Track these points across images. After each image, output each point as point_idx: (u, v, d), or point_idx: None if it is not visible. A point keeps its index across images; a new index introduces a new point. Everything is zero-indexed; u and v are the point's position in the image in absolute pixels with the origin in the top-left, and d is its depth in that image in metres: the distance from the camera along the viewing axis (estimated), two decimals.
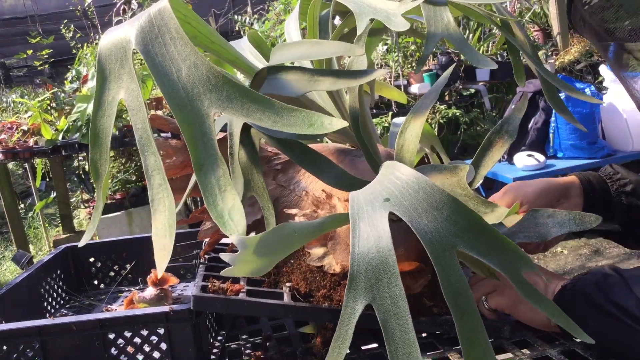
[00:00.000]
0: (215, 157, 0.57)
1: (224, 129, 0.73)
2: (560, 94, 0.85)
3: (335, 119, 0.56)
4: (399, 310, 0.50)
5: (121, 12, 4.86)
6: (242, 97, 0.57)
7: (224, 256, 0.57)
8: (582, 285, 0.73)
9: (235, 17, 5.56)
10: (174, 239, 0.59)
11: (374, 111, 3.81)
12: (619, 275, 0.71)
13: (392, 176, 0.58)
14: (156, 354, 0.81)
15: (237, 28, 5.54)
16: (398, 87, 3.78)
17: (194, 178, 0.70)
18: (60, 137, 3.37)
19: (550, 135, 3.17)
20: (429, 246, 0.51)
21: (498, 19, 0.80)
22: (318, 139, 0.94)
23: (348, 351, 0.82)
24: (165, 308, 0.79)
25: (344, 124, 0.55)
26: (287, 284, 0.80)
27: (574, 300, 0.72)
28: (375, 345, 0.84)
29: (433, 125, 3.99)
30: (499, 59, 4.04)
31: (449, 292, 0.50)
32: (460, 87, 4.03)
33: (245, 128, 0.65)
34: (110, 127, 0.64)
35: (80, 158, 4.29)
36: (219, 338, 0.95)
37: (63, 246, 1.22)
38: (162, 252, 0.58)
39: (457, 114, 4.04)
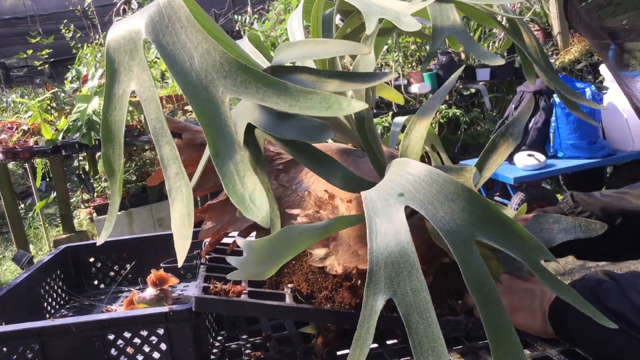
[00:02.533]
0: (232, 142, 0.57)
1: None
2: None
3: (354, 100, 0.55)
4: (421, 303, 0.49)
5: (121, 12, 4.86)
6: (256, 82, 0.57)
7: (231, 260, 0.57)
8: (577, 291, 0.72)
9: (235, 17, 5.56)
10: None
11: (374, 111, 3.81)
12: (612, 280, 0.71)
13: (403, 172, 0.57)
14: (156, 355, 0.81)
15: (237, 28, 5.53)
16: (398, 87, 3.78)
17: (196, 177, 0.70)
18: (60, 137, 3.37)
19: (551, 135, 3.17)
20: (448, 237, 0.51)
21: (504, 18, 0.79)
22: (322, 141, 0.94)
23: (347, 351, 0.82)
24: (165, 308, 0.79)
25: (364, 105, 0.54)
26: (289, 285, 0.80)
27: (569, 308, 0.72)
28: (375, 345, 0.84)
29: (433, 125, 3.99)
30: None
31: (471, 282, 0.49)
32: (461, 86, 4.03)
33: (249, 128, 0.65)
34: (122, 121, 0.63)
35: (80, 158, 4.29)
36: (219, 338, 0.95)
37: (63, 246, 1.22)
38: (182, 241, 0.57)
39: (458, 113, 4.04)
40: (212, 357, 0.87)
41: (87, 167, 4.41)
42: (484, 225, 0.52)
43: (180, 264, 0.58)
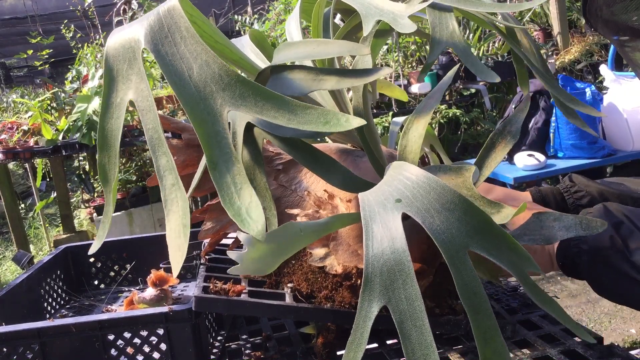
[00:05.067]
0: (229, 155, 0.57)
1: None
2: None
3: (352, 116, 0.55)
4: (415, 312, 0.49)
5: (121, 12, 4.86)
6: (255, 95, 0.57)
7: (231, 254, 0.57)
8: (595, 242, 0.69)
9: (236, 17, 5.56)
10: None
11: (374, 111, 3.81)
12: (631, 222, 0.68)
13: (401, 177, 0.58)
14: (156, 355, 0.81)
15: (237, 28, 5.54)
16: (398, 87, 3.77)
17: (196, 179, 0.70)
18: (60, 137, 3.37)
19: (551, 135, 3.16)
20: (443, 246, 0.51)
21: (502, 26, 0.79)
22: (319, 139, 0.94)
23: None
24: (165, 308, 0.79)
25: (361, 121, 0.55)
26: (289, 285, 0.80)
27: (580, 253, 0.69)
28: (375, 345, 0.84)
29: (433, 125, 3.99)
30: (499, 58, 4.04)
31: (463, 292, 0.50)
32: (461, 86, 4.03)
33: (248, 127, 0.65)
34: (119, 129, 0.63)
35: (80, 158, 4.29)
36: (219, 338, 0.95)
37: (63, 246, 1.22)
38: (178, 253, 0.58)
39: (458, 113, 4.04)
40: (212, 357, 0.88)
41: (87, 167, 4.42)
42: (477, 236, 0.53)
43: (175, 274, 0.59)
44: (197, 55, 0.58)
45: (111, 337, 0.81)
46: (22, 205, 5.59)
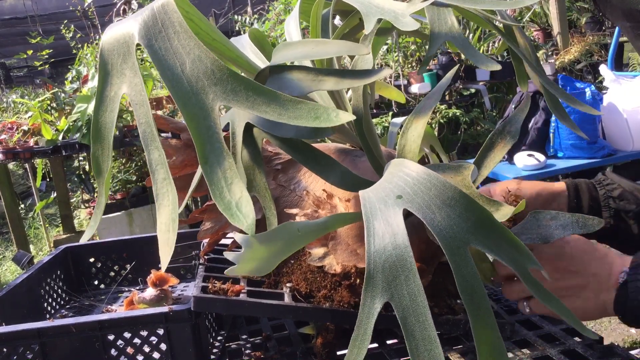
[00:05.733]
0: (220, 149, 0.57)
1: (226, 128, 0.73)
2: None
3: (342, 111, 0.55)
4: (418, 307, 0.49)
5: (121, 12, 4.87)
6: (246, 90, 0.57)
7: (228, 255, 0.57)
8: None
9: (235, 17, 5.56)
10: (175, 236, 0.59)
11: (374, 111, 3.81)
12: None
13: (401, 173, 0.58)
14: (156, 355, 0.81)
15: (237, 28, 5.54)
16: (398, 87, 3.78)
17: (196, 178, 0.70)
18: (60, 137, 3.38)
19: (551, 135, 3.16)
20: (444, 242, 0.51)
21: (500, 24, 0.79)
22: (319, 139, 0.94)
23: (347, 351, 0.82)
24: (165, 309, 0.79)
25: (351, 117, 0.55)
26: (288, 285, 0.80)
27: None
28: (375, 345, 0.84)
29: (433, 125, 3.99)
30: (499, 59, 4.04)
31: (463, 289, 0.50)
32: (461, 86, 4.03)
33: (248, 128, 0.65)
34: (112, 122, 0.64)
35: (80, 158, 4.29)
36: (219, 338, 0.95)
37: (63, 246, 1.22)
38: (166, 248, 0.58)
39: (458, 113, 4.04)
40: (212, 357, 0.88)
41: (87, 167, 4.41)
42: (478, 232, 0.52)
43: (163, 268, 0.59)
44: (189, 50, 0.58)
45: (111, 337, 0.81)
46: (22, 206, 5.59)
